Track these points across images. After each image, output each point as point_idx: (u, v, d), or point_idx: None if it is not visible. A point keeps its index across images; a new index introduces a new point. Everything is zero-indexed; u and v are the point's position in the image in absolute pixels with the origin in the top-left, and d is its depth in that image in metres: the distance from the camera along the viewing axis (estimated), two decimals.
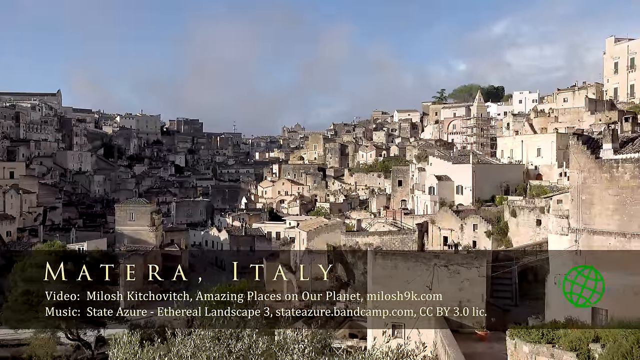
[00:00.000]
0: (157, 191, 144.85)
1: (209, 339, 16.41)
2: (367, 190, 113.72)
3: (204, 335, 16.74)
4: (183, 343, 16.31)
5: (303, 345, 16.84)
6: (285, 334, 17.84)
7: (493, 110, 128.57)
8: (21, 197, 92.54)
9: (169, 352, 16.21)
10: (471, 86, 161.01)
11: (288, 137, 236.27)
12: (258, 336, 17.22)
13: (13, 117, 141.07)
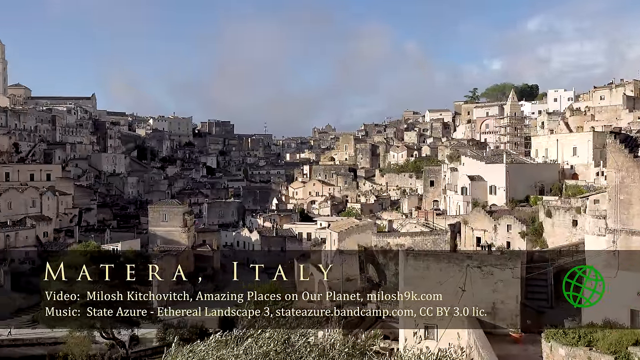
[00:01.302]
0: (189, 192, 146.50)
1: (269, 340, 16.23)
2: (399, 191, 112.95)
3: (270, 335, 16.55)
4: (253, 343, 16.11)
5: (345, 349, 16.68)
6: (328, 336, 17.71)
7: (527, 109, 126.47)
8: (57, 198, 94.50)
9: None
10: (504, 85, 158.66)
11: (319, 138, 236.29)
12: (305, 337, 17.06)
13: (50, 121, 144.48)
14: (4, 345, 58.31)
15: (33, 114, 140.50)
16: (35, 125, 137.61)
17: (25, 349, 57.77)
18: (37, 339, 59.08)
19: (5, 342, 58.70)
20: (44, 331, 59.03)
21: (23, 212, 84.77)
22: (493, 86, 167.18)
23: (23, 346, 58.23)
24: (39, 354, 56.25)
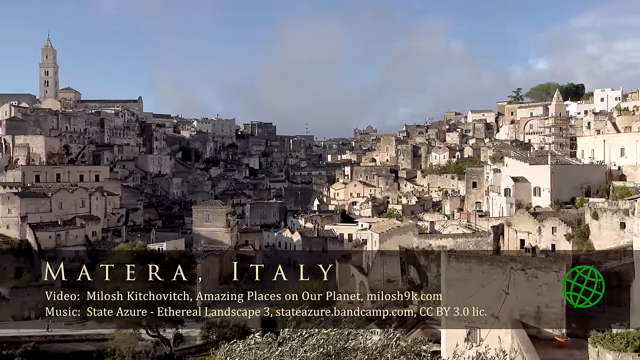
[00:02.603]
0: (232, 193, 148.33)
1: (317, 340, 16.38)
2: (440, 192, 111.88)
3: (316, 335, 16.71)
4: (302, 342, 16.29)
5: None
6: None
7: (572, 109, 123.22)
8: (105, 199, 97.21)
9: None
10: (549, 85, 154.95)
11: (360, 139, 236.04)
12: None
13: (98, 123, 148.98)
14: (54, 341, 60.43)
15: (82, 116, 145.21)
16: (85, 128, 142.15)
17: (75, 345, 59.73)
18: (86, 335, 60.99)
19: (56, 338, 60.84)
20: (92, 328, 61.05)
21: (73, 212, 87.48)
22: (537, 86, 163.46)
23: (73, 342, 60.22)
24: (87, 350, 58.15)
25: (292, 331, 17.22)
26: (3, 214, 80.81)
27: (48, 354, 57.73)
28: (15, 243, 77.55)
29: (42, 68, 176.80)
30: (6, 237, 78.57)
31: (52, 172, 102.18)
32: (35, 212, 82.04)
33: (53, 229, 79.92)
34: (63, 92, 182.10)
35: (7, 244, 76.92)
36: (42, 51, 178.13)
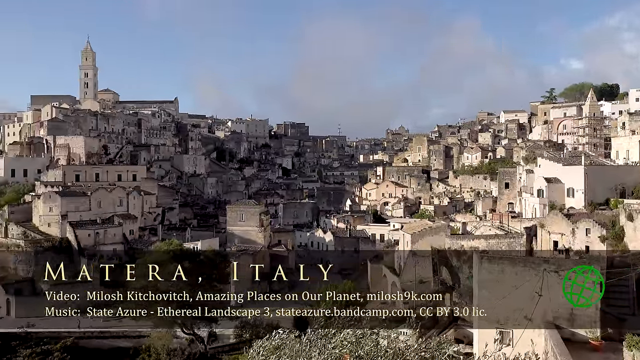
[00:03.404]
0: (265, 193, 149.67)
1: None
2: (472, 193, 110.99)
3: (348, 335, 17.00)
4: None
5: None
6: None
7: (607, 109, 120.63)
8: (142, 198, 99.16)
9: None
10: (583, 85, 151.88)
11: (392, 139, 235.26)
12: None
13: (136, 124, 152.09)
14: (93, 337, 62.09)
15: (120, 117, 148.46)
16: (123, 128, 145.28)
17: (112, 341, 61.28)
18: (123, 332, 62.52)
19: (95, 334, 62.52)
20: (129, 324, 62.55)
21: (111, 210, 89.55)
22: (571, 86, 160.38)
23: (110, 338, 61.81)
24: (124, 347, 59.59)
25: (320, 330, 17.51)
26: (44, 212, 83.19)
27: (86, 350, 59.28)
28: (56, 241, 79.72)
29: (81, 70, 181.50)
30: (47, 235, 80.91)
31: (91, 172, 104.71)
32: (75, 210, 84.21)
33: (92, 227, 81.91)
34: (102, 94, 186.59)
35: (48, 241, 79.15)
36: (81, 53, 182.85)
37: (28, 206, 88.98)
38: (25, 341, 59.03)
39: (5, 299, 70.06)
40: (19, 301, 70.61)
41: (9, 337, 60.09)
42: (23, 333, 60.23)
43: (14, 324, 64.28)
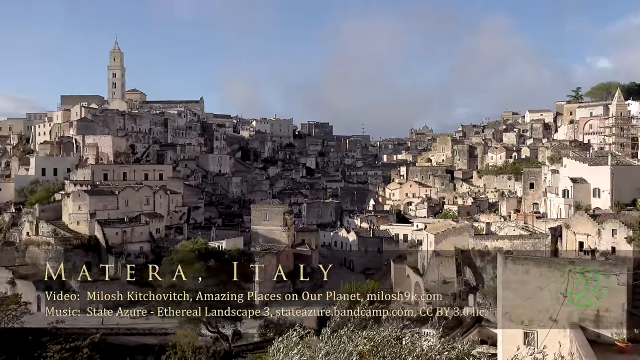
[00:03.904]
0: (289, 192, 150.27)
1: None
2: (497, 193, 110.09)
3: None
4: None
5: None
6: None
7: (634, 109, 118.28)
8: (169, 197, 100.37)
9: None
10: (610, 84, 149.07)
11: (416, 139, 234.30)
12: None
13: (162, 124, 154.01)
14: (120, 333, 63.26)
15: (147, 117, 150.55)
16: (150, 128, 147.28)
17: (139, 338, 62.34)
18: (149, 329, 63.56)
19: (122, 331, 63.70)
20: (155, 321, 63.56)
21: (138, 209, 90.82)
22: (598, 85, 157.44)
23: (137, 335, 62.89)
24: (150, 344, 60.57)
25: (341, 328, 17.66)
26: (74, 210, 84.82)
27: (113, 346, 60.35)
28: (84, 239, 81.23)
29: (110, 70, 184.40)
30: (76, 233, 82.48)
31: (119, 171, 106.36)
32: (104, 209, 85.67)
33: (119, 226, 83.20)
34: (129, 94, 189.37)
35: (77, 239, 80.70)
36: (110, 54, 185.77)
37: (58, 204, 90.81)
38: (54, 337, 60.34)
39: (36, 296, 71.67)
40: (49, 297, 72.10)
41: (39, 333, 61.51)
42: (53, 329, 61.59)
43: (44, 320, 65.73)
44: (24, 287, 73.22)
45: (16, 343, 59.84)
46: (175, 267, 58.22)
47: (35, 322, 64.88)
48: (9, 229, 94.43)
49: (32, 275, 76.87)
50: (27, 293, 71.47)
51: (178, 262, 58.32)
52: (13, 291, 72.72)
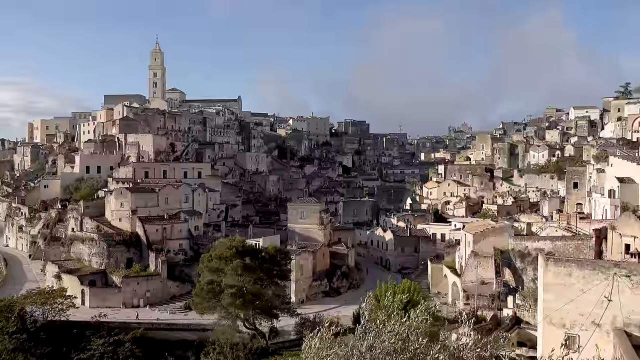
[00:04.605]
0: (325, 191, 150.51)
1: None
2: (538, 193, 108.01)
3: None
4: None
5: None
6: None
7: None
8: (207, 195, 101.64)
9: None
10: None
11: (454, 137, 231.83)
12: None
13: (201, 122, 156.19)
14: (160, 328, 64.46)
15: (187, 116, 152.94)
16: (189, 127, 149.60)
17: (178, 333, 63.40)
18: (188, 325, 64.63)
19: (162, 326, 64.93)
20: (193, 317, 64.63)
21: (177, 206, 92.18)
22: None
23: (177, 331, 63.98)
24: (189, 339, 61.55)
25: (372, 326, 17.60)
26: (116, 207, 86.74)
27: (154, 341, 61.49)
28: (126, 235, 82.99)
29: (150, 70, 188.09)
30: (118, 229, 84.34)
31: (159, 169, 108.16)
32: (145, 206, 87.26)
33: (160, 223, 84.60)
34: (169, 93, 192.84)
35: (119, 235, 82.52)
36: (151, 54, 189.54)
37: (101, 201, 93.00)
38: (98, 330, 61.97)
39: (80, 290, 73.69)
40: (92, 292, 74.14)
41: (84, 326, 63.26)
42: (96, 323, 63.24)
43: (88, 313, 67.56)
44: (69, 281, 75.34)
45: (62, 335, 61.74)
46: (213, 264, 59.02)
47: (80, 315, 66.75)
48: (56, 225, 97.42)
49: (77, 270, 79.09)
50: (72, 287, 73.52)
51: (216, 259, 59.02)
52: (59, 285, 74.95)
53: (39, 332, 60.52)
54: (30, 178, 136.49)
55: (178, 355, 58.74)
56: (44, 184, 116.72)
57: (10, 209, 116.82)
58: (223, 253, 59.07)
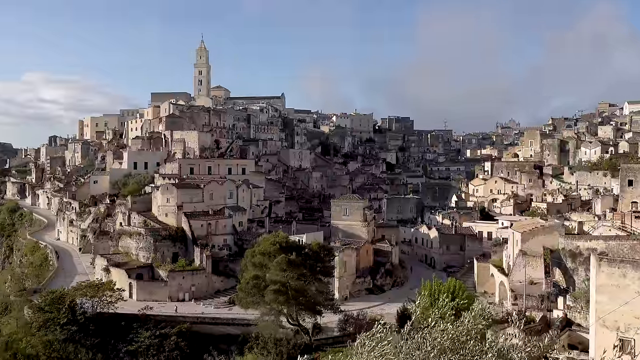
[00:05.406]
0: (369, 188, 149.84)
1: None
2: (590, 191, 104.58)
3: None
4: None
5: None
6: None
7: None
8: (251, 191, 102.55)
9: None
10: None
11: (501, 133, 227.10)
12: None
13: (245, 119, 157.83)
14: (205, 322, 65.26)
15: (231, 113, 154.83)
16: (233, 124, 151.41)
17: (222, 328, 64.03)
18: (232, 319, 65.18)
19: (207, 320, 65.71)
20: (238, 312, 65.18)
21: (222, 202, 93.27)
22: None
23: (221, 325, 64.63)
24: (233, 334, 62.08)
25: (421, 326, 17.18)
26: (162, 202, 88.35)
27: (199, 335, 62.31)
28: (172, 230, 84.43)
29: (196, 68, 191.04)
30: (165, 225, 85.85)
31: (204, 165, 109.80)
32: (190, 201, 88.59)
33: (204, 218, 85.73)
34: (214, 90, 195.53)
35: (165, 230, 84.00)
36: (196, 52, 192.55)
37: (148, 197, 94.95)
38: (144, 323, 63.21)
39: (128, 283, 75.34)
40: (139, 285, 75.68)
41: (131, 318, 64.62)
42: (143, 316, 64.51)
43: (135, 306, 68.99)
44: (118, 275, 77.14)
45: (110, 327, 63.27)
46: (257, 260, 59.31)
47: (127, 308, 68.21)
48: (104, 219, 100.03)
49: (125, 264, 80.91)
50: (120, 280, 75.25)
51: (260, 255, 59.31)
52: (108, 278, 76.85)
53: (89, 324, 62.16)
54: (80, 174, 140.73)
55: (222, 349, 59.24)
56: (93, 180, 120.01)
57: (62, 203, 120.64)
58: (267, 249, 59.30)
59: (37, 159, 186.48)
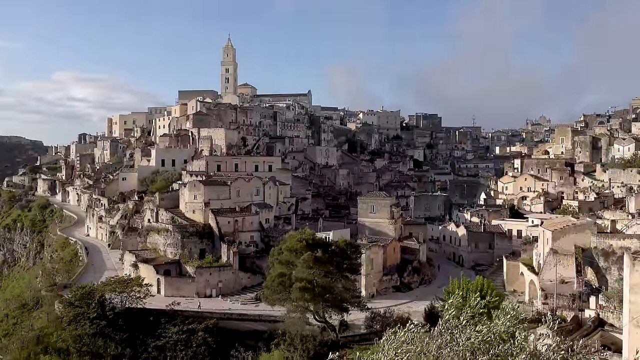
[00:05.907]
0: (396, 185, 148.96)
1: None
2: (624, 188, 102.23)
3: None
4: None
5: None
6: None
7: None
8: (277, 188, 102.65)
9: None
10: None
11: (531, 130, 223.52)
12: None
13: (271, 117, 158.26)
14: (232, 318, 65.58)
15: (258, 110, 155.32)
16: (260, 121, 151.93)
17: (249, 324, 64.27)
18: (259, 316, 65.37)
19: (234, 317, 66.02)
20: (264, 308, 65.32)
21: (248, 199, 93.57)
22: None
23: (248, 321, 64.88)
24: (260, 330, 62.27)
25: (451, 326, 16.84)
26: (190, 199, 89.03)
27: (225, 330, 62.67)
28: (199, 226, 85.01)
29: (223, 66, 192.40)
30: (192, 221, 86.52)
31: (231, 162, 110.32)
32: (217, 198, 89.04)
33: (231, 215, 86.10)
34: (241, 88, 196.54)
35: (192, 227, 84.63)
36: (223, 50, 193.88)
37: (175, 194, 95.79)
38: (172, 319, 63.83)
39: (156, 279, 76.15)
40: (167, 281, 76.43)
41: (159, 314, 65.30)
42: (170, 311, 65.12)
43: (163, 302, 69.67)
44: (146, 270, 78.02)
45: (139, 322, 64.05)
46: (284, 257, 59.31)
47: (156, 303, 68.93)
48: (133, 216, 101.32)
49: (153, 260, 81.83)
50: (148, 276, 76.08)
51: (286, 252, 59.31)
52: (136, 273, 77.83)
53: (117, 319, 63.03)
54: (109, 171, 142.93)
55: (249, 345, 59.50)
56: (122, 177, 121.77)
57: (91, 200, 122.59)
58: (293, 246, 59.26)
59: (67, 156, 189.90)
